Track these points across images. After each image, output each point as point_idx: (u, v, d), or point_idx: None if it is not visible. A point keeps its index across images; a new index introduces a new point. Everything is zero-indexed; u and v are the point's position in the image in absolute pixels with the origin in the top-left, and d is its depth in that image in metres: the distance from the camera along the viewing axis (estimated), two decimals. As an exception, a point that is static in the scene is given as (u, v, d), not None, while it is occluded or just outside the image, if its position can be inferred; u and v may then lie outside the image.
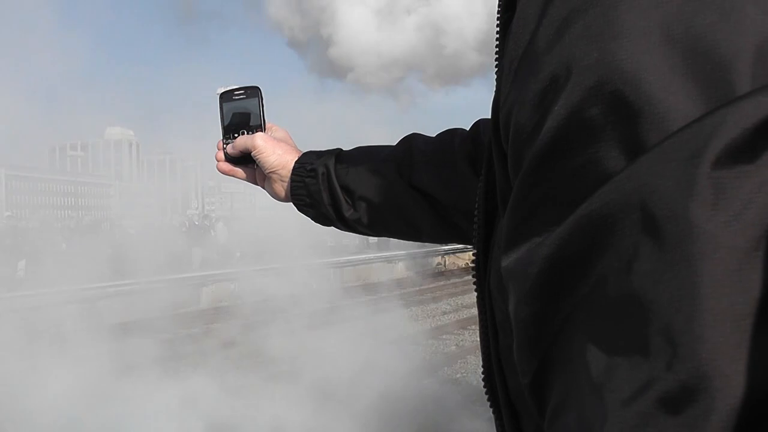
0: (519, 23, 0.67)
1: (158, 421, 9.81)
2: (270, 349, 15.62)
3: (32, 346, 13.90)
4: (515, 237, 0.63)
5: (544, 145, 0.58)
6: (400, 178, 1.51)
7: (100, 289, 22.47)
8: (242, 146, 1.65)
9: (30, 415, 10.07)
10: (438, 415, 11.94)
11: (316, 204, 1.60)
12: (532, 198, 0.61)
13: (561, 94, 0.58)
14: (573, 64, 0.57)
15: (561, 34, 0.59)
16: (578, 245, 0.55)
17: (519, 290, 0.62)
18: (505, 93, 0.68)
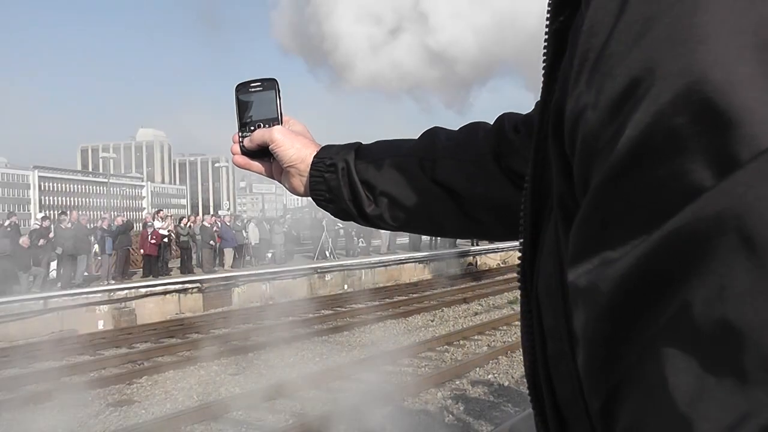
0: (592, 22, 0.61)
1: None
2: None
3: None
4: (586, 250, 0.59)
5: (625, 153, 0.55)
6: (423, 173, 1.45)
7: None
8: (260, 139, 1.60)
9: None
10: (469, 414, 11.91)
11: (336, 199, 1.54)
12: (607, 209, 0.57)
13: (643, 100, 0.54)
14: (657, 68, 0.53)
15: (642, 35, 0.55)
16: (663, 264, 0.52)
17: (590, 308, 0.58)
18: (575, 96, 0.63)
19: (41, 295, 23.27)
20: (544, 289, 0.80)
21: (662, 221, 0.51)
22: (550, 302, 0.79)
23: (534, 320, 0.83)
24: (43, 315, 22.78)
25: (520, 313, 0.89)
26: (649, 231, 0.52)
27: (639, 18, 0.55)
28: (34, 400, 14.27)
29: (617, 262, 0.54)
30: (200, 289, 27.45)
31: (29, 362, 18.46)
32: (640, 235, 0.53)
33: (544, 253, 0.82)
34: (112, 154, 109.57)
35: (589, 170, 0.60)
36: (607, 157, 0.56)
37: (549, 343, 0.80)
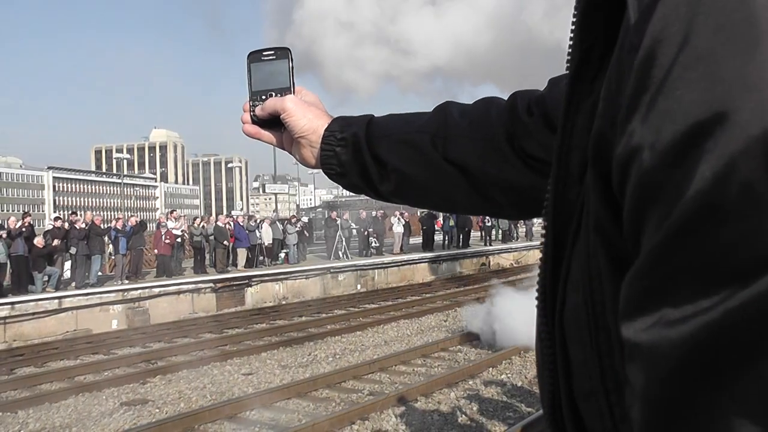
0: (651, 50, 0.57)
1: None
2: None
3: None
4: (644, 305, 0.56)
5: (693, 208, 0.52)
6: (434, 150, 1.42)
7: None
8: (271, 108, 1.58)
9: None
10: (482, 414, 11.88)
11: (347, 174, 1.52)
12: (672, 265, 0.54)
13: (712, 148, 0.51)
14: (728, 113, 0.50)
15: (711, 73, 0.52)
16: (739, 333, 0.49)
17: (653, 368, 0.55)
18: (628, 132, 0.59)
19: (56, 295, 23.34)
20: (573, 321, 0.77)
21: (739, 286, 0.49)
22: (579, 336, 0.76)
23: (557, 351, 0.81)
24: (58, 314, 22.84)
25: (537, 339, 0.87)
26: (723, 295, 0.50)
27: (707, 52, 0.53)
28: (49, 399, 14.29)
29: (684, 324, 0.52)
30: (213, 288, 27.47)
31: (44, 361, 18.52)
32: (711, 297, 0.50)
33: (570, 280, 0.79)
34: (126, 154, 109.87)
35: (644, 214, 0.57)
36: (671, 209, 0.54)
37: (576, 378, 0.77)
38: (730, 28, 0.52)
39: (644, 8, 0.60)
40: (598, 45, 0.76)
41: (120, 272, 26.93)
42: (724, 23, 0.52)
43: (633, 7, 0.62)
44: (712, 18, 0.53)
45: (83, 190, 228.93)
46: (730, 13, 0.52)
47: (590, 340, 0.73)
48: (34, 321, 22.27)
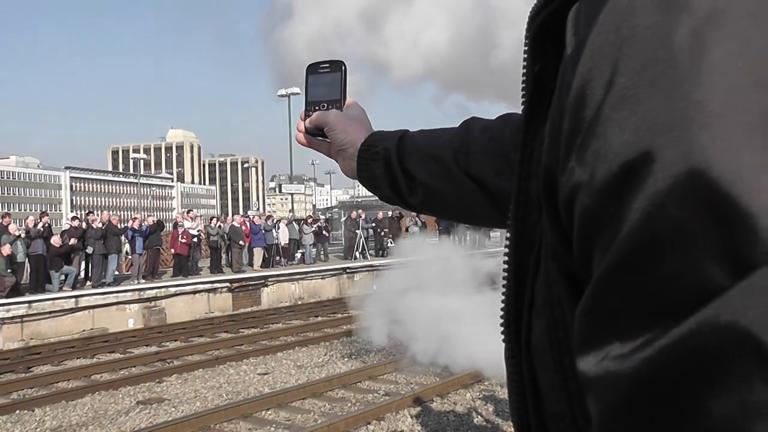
0: (580, 92, 0.59)
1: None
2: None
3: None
4: (593, 339, 0.57)
5: (627, 245, 0.53)
6: (457, 165, 1.45)
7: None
8: (316, 121, 1.65)
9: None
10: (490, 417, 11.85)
11: (380, 186, 1.57)
12: (613, 300, 0.55)
13: (641, 187, 0.52)
14: (654, 153, 0.51)
15: (635, 112, 0.53)
16: (677, 368, 0.50)
17: (603, 401, 0.57)
18: (567, 170, 0.61)
19: (73, 294, 23.45)
20: (539, 346, 0.78)
21: (674, 321, 0.50)
22: (544, 361, 0.77)
23: (525, 377, 0.82)
24: (75, 313, 22.96)
25: (506, 366, 0.87)
26: (661, 330, 0.50)
27: (631, 91, 0.54)
28: (66, 397, 14.40)
29: (627, 359, 0.52)
30: (230, 288, 27.54)
31: (61, 360, 18.65)
32: (651, 331, 0.51)
33: (535, 306, 0.80)
34: (143, 154, 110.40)
35: (591, 247, 0.59)
36: (609, 245, 0.55)
37: (546, 403, 0.78)
38: (652, 68, 0.53)
39: (577, 44, 0.62)
40: (550, 70, 0.76)
41: (136, 272, 27.01)
42: (647, 63, 0.53)
43: (570, 40, 0.65)
44: (635, 58, 0.54)
45: (100, 190, 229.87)
46: (651, 52, 0.53)
47: (555, 365, 0.74)
48: (51, 320, 22.37)
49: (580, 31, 0.62)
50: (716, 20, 0.52)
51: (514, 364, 0.84)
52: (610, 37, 0.57)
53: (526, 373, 0.81)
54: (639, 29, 0.55)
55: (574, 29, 0.64)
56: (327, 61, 1.72)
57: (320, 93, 1.69)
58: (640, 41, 0.54)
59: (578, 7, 0.65)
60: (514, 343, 0.84)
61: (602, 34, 0.58)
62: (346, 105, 1.68)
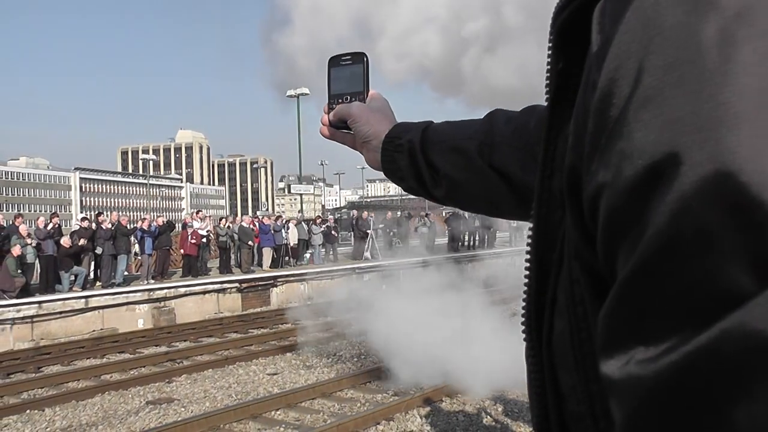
0: (606, 90, 0.58)
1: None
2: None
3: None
4: (617, 342, 0.57)
5: (653, 246, 0.52)
6: (481, 158, 1.44)
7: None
8: (339, 114, 1.65)
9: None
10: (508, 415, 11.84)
11: (404, 177, 1.56)
12: (639, 302, 0.54)
13: (667, 189, 0.51)
14: (680, 154, 0.51)
15: (662, 112, 0.52)
16: (702, 374, 0.49)
17: (627, 405, 0.56)
18: (592, 170, 0.61)
19: (82, 294, 23.48)
20: (560, 346, 0.78)
21: (699, 327, 0.49)
22: (566, 361, 0.76)
23: (546, 376, 0.81)
24: (84, 314, 22.99)
25: (526, 364, 0.86)
26: (686, 335, 0.50)
27: (658, 91, 0.53)
28: (76, 397, 14.43)
29: (652, 364, 0.52)
30: (239, 289, 27.56)
31: (71, 360, 18.69)
32: (676, 337, 0.50)
33: (557, 305, 0.79)
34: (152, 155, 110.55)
35: (615, 248, 0.58)
36: (634, 247, 0.54)
37: (567, 404, 0.77)
38: (679, 67, 0.52)
39: (603, 42, 0.61)
40: (574, 66, 0.75)
41: (146, 272, 27.05)
42: (674, 62, 0.52)
43: (595, 38, 0.63)
44: (662, 57, 0.53)
45: (110, 190, 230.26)
46: (678, 52, 0.52)
47: (577, 365, 0.74)
48: (61, 320, 22.41)
49: (606, 29, 0.61)
50: (746, 18, 0.51)
51: (535, 363, 0.84)
52: (637, 36, 0.56)
53: (547, 373, 0.81)
54: (666, 27, 0.54)
55: (599, 26, 0.63)
56: (348, 53, 1.72)
57: (343, 85, 1.69)
58: (667, 40, 0.53)
59: (603, 4, 0.64)
60: (535, 342, 0.84)
61: (628, 32, 0.57)
62: (370, 97, 1.67)
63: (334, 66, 1.71)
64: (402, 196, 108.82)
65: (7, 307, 21.32)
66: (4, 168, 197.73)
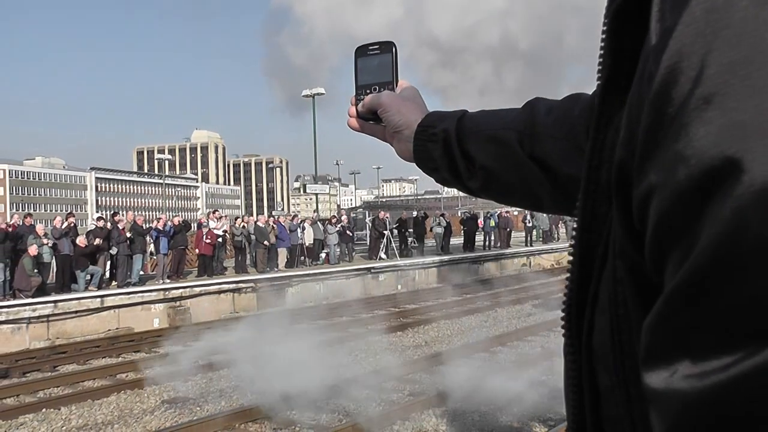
0: (665, 84, 0.55)
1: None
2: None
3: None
4: (663, 353, 0.54)
5: (706, 259, 0.50)
6: (521, 148, 1.38)
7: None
8: (369, 104, 1.60)
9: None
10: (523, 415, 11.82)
11: (438, 168, 1.50)
12: (688, 316, 0.52)
13: (724, 197, 0.49)
14: (741, 161, 0.48)
15: (724, 114, 0.50)
16: (754, 400, 0.47)
17: (667, 418, 0.54)
18: (644, 170, 0.58)
19: (98, 294, 23.56)
20: (600, 346, 0.75)
21: (753, 347, 0.47)
22: (605, 362, 0.73)
23: (584, 376, 0.79)
24: (100, 313, 23.08)
25: (565, 362, 0.84)
26: (738, 355, 0.47)
27: (721, 89, 0.50)
28: (92, 396, 14.46)
29: (699, 381, 0.49)
30: (254, 288, 27.59)
31: (86, 359, 18.74)
32: (726, 355, 0.48)
33: (599, 305, 0.76)
34: (168, 155, 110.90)
35: (665, 255, 0.55)
36: (685, 257, 0.52)
37: (604, 405, 0.75)
38: (746, 66, 0.49)
39: (663, 33, 0.57)
40: (629, 52, 0.70)
41: (161, 272, 27.11)
42: (740, 59, 0.50)
43: (654, 27, 0.59)
44: (728, 53, 0.50)
45: (125, 190, 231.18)
46: (746, 48, 0.50)
47: (616, 367, 0.71)
48: (76, 319, 22.48)
49: (667, 18, 0.57)
50: None
51: (574, 361, 0.80)
52: (701, 28, 0.52)
53: (585, 372, 0.78)
54: (734, 21, 0.50)
55: (659, 14, 0.58)
56: (376, 43, 1.68)
57: (370, 76, 1.65)
58: (734, 35, 0.50)
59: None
60: (575, 339, 0.81)
61: (692, 24, 0.53)
62: (399, 86, 1.63)
63: (361, 56, 1.67)
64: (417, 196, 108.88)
65: (23, 306, 21.42)
66: (20, 168, 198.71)
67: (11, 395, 15.02)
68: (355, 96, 1.64)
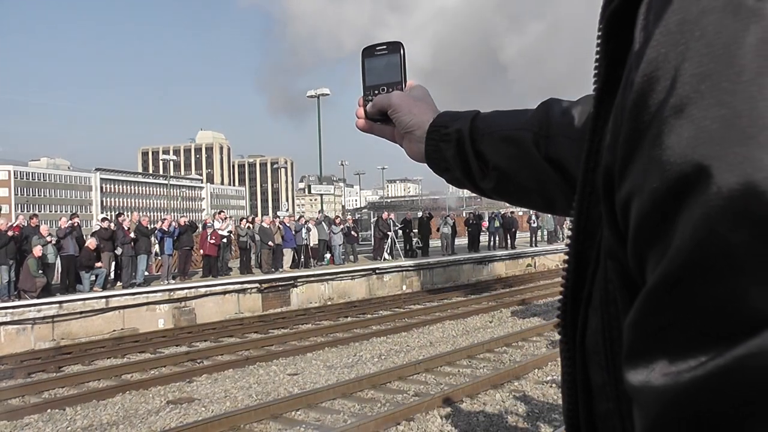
0: (640, 94, 0.57)
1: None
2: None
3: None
4: (642, 351, 0.56)
5: (677, 261, 0.51)
6: (536, 149, 1.36)
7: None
8: (379, 104, 1.58)
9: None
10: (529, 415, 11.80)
11: (450, 169, 1.49)
12: (663, 315, 0.53)
13: (694, 203, 0.50)
14: (709, 168, 0.49)
15: (693, 123, 0.51)
16: (726, 397, 0.48)
17: (648, 417, 0.55)
18: (625, 174, 0.60)
19: (103, 294, 23.58)
20: (593, 345, 0.76)
21: (724, 347, 0.48)
22: (597, 359, 0.75)
23: (578, 372, 0.80)
24: (105, 314, 23.10)
25: (561, 359, 0.86)
26: (710, 354, 0.49)
27: (692, 99, 0.51)
28: (97, 397, 14.49)
29: (674, 378, 0.51)
30: (259, 289, 27.61)
31: (91, 359, 18.78)
32: (700, 354, 0.49)
33: (592, 302, 0.77)
34: (173, 156, 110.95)
35: (643, 256, 0.57)
36: (660, 258, 0.53)
37: (597, 402, 0.76)
38: (715, 77, 0.51)
39: (643, 42, 0.58)
40: (622, 57, 0.70)
41: (165, 272, 27.14)
42: (710, 71, 0.51)
43: (638, 35, 0.61)
44: (699, 64, 0.52)
45: (130, 191, 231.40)
46: (716, 60, 0.51)
47: (607, 364, 0.73)
48: (81, 320, 22.52)
49: (649, 26, 0.58)
50: None
51: (568, 358, 0.82)
52: (675, 38, 0.53)
53: (579, 369, 0.79)
54: (706, 33, 0.51)
55: (644, 22, 0.59)
56: (383, 43, 1.66)
57: (379, 76, 1.63)
58: (704, 46, 0.51)
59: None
60: (570, 337, 0.82)
61: (667, 34, 0.54)
62: (408, 86, 1.62)
63: (369, 57, 1.66)
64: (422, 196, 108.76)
65: (28, 307, 21.45)
66: (25, 169, 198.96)
67: (16, 396, 15.06)
68: (363, 97, 1.63)
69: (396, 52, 1.64)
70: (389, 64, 1.64)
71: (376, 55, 1.66)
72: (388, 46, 1.66)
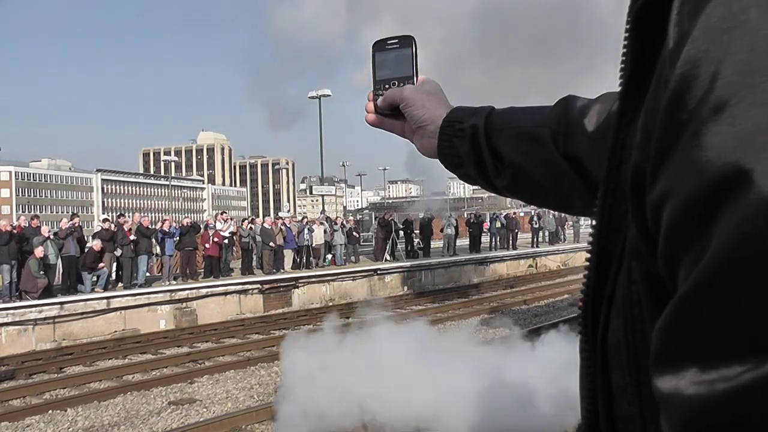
0: (678, 92, 0.55)
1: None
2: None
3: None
4: (672, 357, 0.54)
5: (714, 268, 0.50)
6: (555, 146, 1.34)
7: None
8: (391, 98, 1.55)
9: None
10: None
11: (463, 164, 1.46)
12: (698, 322, 0.52)
13: (732, 208, 0.49)
14: (748, 171, 0.48)
15: (734, 124, 0.49)
16: (759, 410, 0.47)
17: (676, 424, 0.53)
18: (657, 176, 0.57)
19: (104, 295, 23.56)
20: (614, 345, 0.74)
21: (759, 358, 0.47)
22: (619, 361, 0.72)
23: (598, 373, 0.77)
24: (106, 314, 23.07)
25: (580, 359, 0.83)
26: (744, 366, 0.47)
27: (734, 99, 0.49)
28: (98, 397, 14.50)
29: (706, 387, 0.49)
30: (260, 290, 27.57)
31: (93, 360, 18.78)
32: (733, 364, 0.48)
33: (615, 303, 0.75)
34: (174, 157, 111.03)
35: (676, 261, 0.55)
36: (695, 264, 0.51)
37: (617, 404, 0.74)
38: (759, 75, 0.49)
39: (679, 38, 0.56)
40: (651, 51, 0.67)
41: (167, 273, 27.11)
42: (754, 70, 0.49)
43: (672, 31, 0.58)
44: (742, 61, 0.50)
45: (131, 192, 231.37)
46: (760, 58, 0.49)
47: (629, 366, 0.71)
48: (83, 321, 22.49)
49: (684, 23, 0.55)
50: None
51: (588, 359, 0.79)
52: (716, 35, 0.51)
53: (599, 371, 0.77)
54: (750, 30, 0.50)
55: (677, 18, 0.57)
56: (395, 37, 1.63)
57: (389, 71, 1.61)
58: (748, 43, 0.49)
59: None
60: (590, 337, 0.79)
61: (707, 31, 0.52)
62: (420, 81, 1.59)
63: (379, 50, 1.64)
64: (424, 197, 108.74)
65: (30, 308, 21.42)
66: (26, 170, 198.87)
67: (18, 397, 15.06)
68: (373, 91, 1.61)
69: (408, 46, 1.61)
70: (400, 57, 1.61)
71: (387, 48, 1.63)
72: (400, 39, 1.63)
